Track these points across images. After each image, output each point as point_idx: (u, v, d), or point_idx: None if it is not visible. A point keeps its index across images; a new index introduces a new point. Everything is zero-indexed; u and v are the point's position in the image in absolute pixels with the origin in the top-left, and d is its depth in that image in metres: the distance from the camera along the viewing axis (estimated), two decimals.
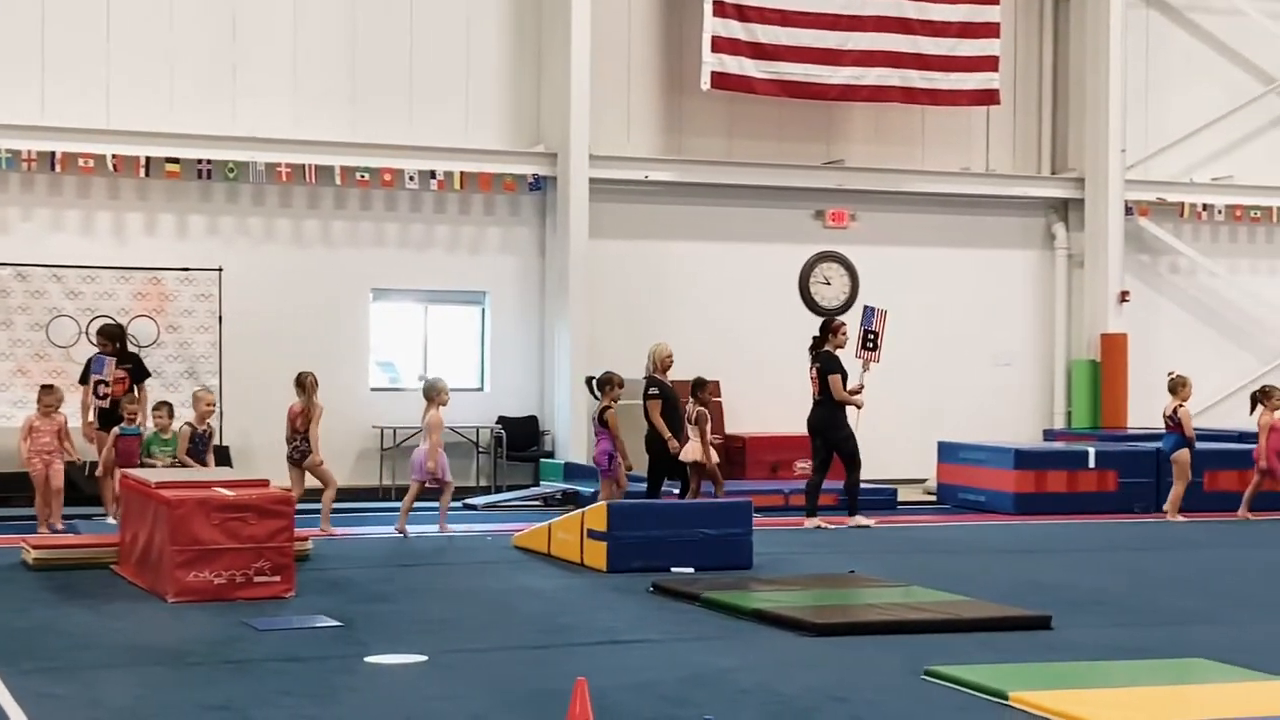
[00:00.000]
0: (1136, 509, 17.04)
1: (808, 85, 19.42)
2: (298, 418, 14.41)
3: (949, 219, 20.88)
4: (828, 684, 7.87)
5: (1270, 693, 7.59)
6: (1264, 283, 21.98)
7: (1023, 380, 21.10)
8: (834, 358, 15.50)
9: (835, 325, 15.71)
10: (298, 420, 14.41)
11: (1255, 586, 11.80)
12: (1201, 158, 21.85)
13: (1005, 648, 8.80)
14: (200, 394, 14.78)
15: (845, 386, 15.37)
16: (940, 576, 11.59)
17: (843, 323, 15.81)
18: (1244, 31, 21.88)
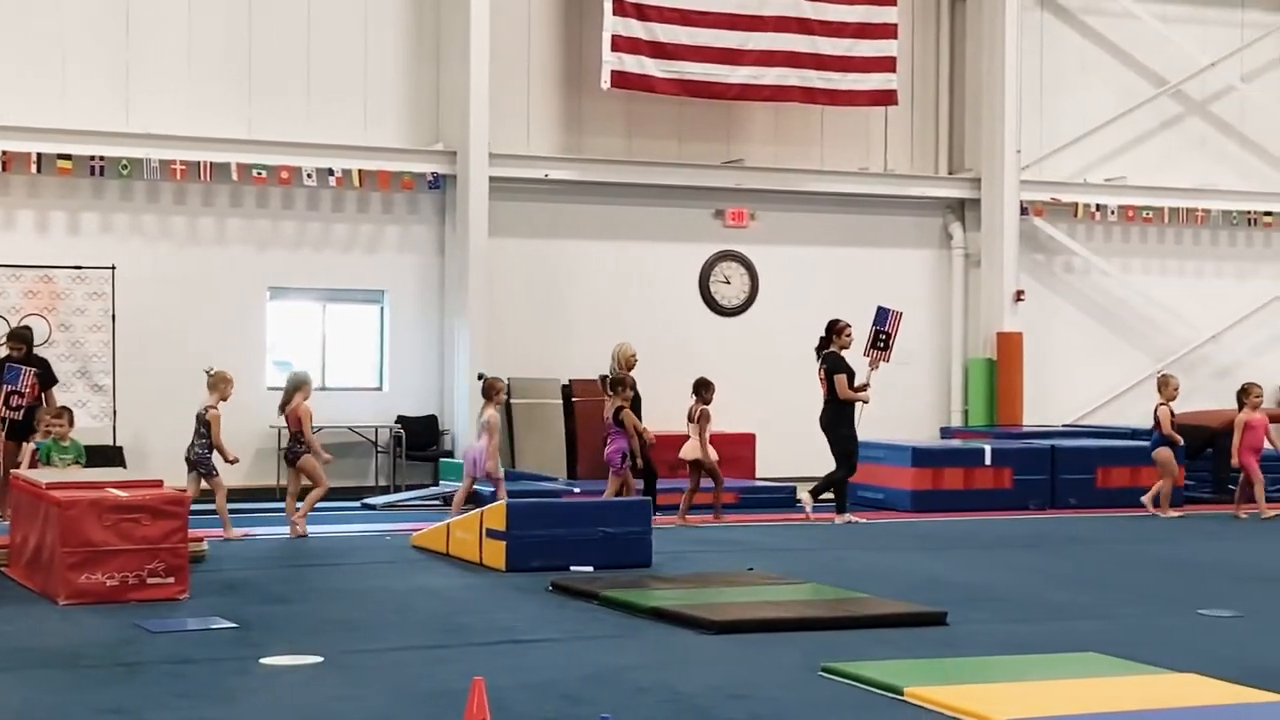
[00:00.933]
0: (1031, 506, 17.24)
1: (707, 85, 19.47)
2: (291, 419, 14.37)
3: (847, 218, 21.01)
4: (726, 681, 7.90)
5: (1159, 685, 7.71)
6: (1155, 282, 22.32)
7: (920, 379, 21.27)
8: (838, 357, 15.83)
9: (840, 326, 16.01)
10: (291, 421, 14.39)
11: (1146, 581, 11.98)
12: (1095, 159, 22.14)
13: (902, 644, 8.87)
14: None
15: (851, 385, 15.66)
16: (838, 574, 11.68)
17: (847, 324, 16.08)
18: (1136, 34, 22.21)
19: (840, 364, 15.77)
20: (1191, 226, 22.45)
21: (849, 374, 15.74)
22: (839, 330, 15.96)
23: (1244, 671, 8.02)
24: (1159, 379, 17.43)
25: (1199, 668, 8.09)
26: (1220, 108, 22.78)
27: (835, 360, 15.79)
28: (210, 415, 13.92)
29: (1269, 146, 22.92)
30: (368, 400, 18.77)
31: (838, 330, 15.96)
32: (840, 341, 15.88)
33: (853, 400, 15.69)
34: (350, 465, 18.38)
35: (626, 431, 15.16)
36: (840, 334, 15.92)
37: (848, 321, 16.21)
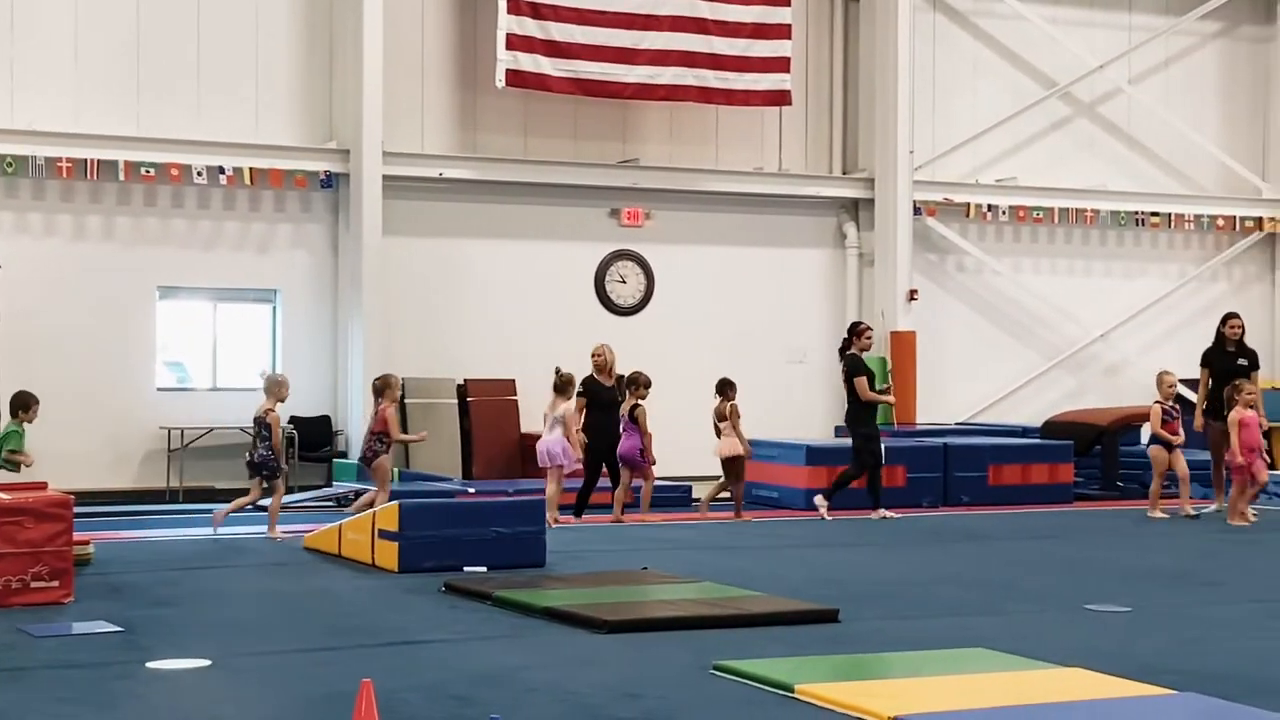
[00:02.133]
0: (925, 503, 17.38)
1: (603, 84, 19.48)
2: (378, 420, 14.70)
3: (743, 218, 21.10)
4: (618, 680, 7.88)
5: (1046, 680, 7.78)
6: (1045, 281, 22.60)
7: (815, 377, 21.40)
8: (858, 359, 16.05)
9: (860, 329, 16.27)
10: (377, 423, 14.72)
11: (1037, 577, 12.10)
12: (986, 159, 22.40)
13: (794, 641, 8.89)
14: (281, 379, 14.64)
15: (872, 386, 15.93)
16: (732, 572, 11.69)
17: (868, 326, 16.39)
18: (1026, 37, 22.48)
19: (860, 366, 16.02)
20: (1081, 226, 22.76)
21: (869, 375, 16.00)
22: (859, 332, 16.21)
23: (1129, 665, 8.12)
24: (1157, 376, 16.51)
25: (1085, 662, 8.18)
26: (1108, 110, 23.12)
27: (855, 363, 16.04)
28: (270, 418, 14.00)
29: (1155, 148, 23.29)
30: (260, 400, 18.53)
31: (858, 332, 16.22)
32: (860, 344, 16.11)
33: (873, 401, 16.00)
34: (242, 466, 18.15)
35: (640, 428, 15.49)
36: (860, 336, 16.17)
37: (868, 324, 16.61)
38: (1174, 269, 23.40)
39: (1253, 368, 16.61)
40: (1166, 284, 23.21)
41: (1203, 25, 23.52)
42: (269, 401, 14.17)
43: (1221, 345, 16.69)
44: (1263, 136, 23.97)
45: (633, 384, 15.80)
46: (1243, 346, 16.68)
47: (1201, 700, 7.33)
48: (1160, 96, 23.28)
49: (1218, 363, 16.48)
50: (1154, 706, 7.21)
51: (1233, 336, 16.59)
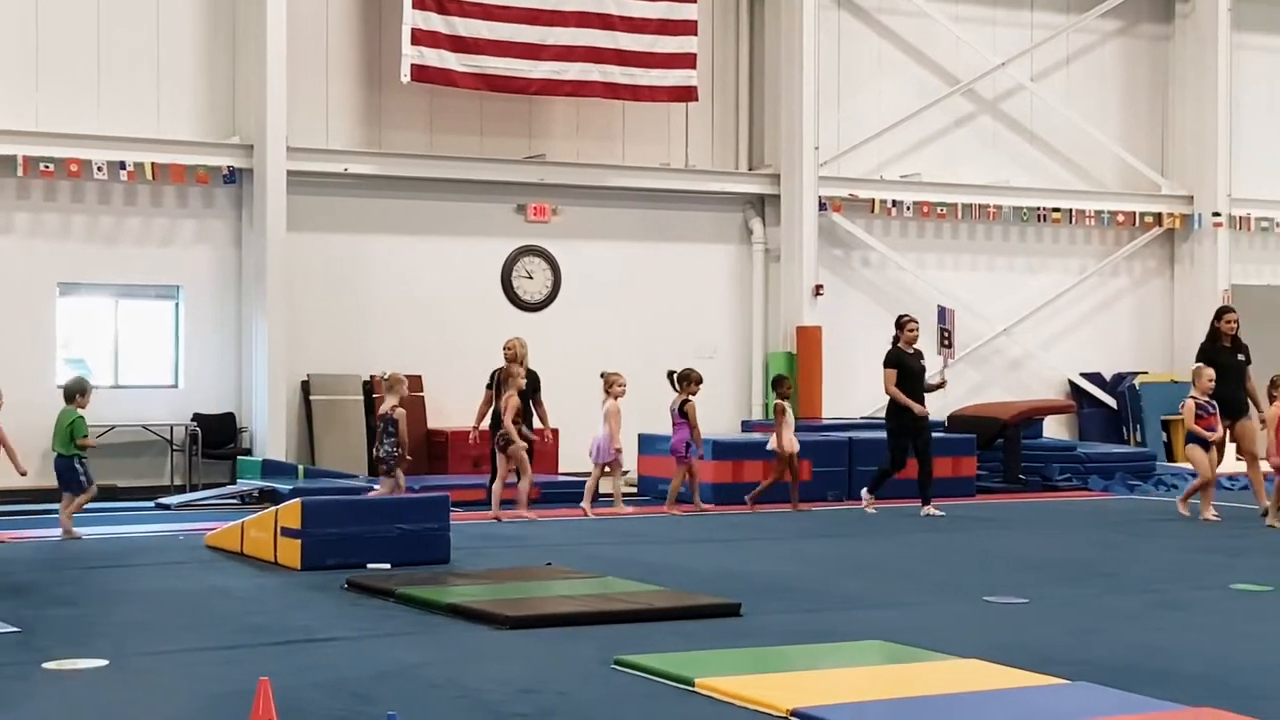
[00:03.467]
0: (830, 497, 17.48)
1: (509, 79, 19.44)
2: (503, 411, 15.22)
3: (650, 213, 21.14)
4: (518, 676, 7.89)
5: (943, 671, 7.87)
6: (949, 277, 22.79)
7: (722, 372, 21.47)
8: (891, 353, 16.00)
9: (902, 322, 16.24)
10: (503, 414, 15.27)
11: (938, 570, 12.23)
12: (891, 156, 22.56)
13: (696, 635, 8.93)
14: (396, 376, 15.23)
15: (896, 382, 15.80)
16: (636, 567, 11.72)
17: (910, 319, 16.27)
18: (930, 34, 22.68)
19: (889, 359, 15.97)
20: (984, 222, 22.99)
21: (899, 369, 15.86)
22: (900, 325, 16.21)
23: (1026, 656, 8.23)
24: (1194, 370, 15.60)
25: (983, 653, 8.28)
26: (1011, 106, 23.36)
27: (887, 355, 16.04)
28: (397, 414, 14.74)
29: (1057, 145, 23.57)
30: (163, 398, 18.40)
31: (899, 325, 16.22)
32: (904, 337, 16.05)
33: (895, 398, 15.83)
34: (144, 464, 18.03)
35: (690, 423, 16.02)
36: (903, 329, 16.14)
37: (912, 317, 16.47)
38: (1075, 264, 23.69)
39: (1248, 362, 16.00)
40: (1068, 279, 23.49)
41: (1103, 23, 23.83)
42: (393, 398, 14.91)
43: (1218, 341, 15.93)
44: (1162, 133, 24.32)
45: (685, 380, 16.39)
46: (1238, 342, 16.00)
47: (1094, 690, 7.44)
48: (1061, 94, 23.56)
49: (1215, 359, 15.60)
50: (1048, 696, 7.32)
51: (1229, 332, 15.93)
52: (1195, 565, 12.40)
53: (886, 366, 15.95)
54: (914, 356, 16.07)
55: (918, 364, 16.06)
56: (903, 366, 15.94)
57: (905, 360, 15.98)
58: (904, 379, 15.89)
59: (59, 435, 13.83)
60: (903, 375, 15.90)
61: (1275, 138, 24.73)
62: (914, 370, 15.99)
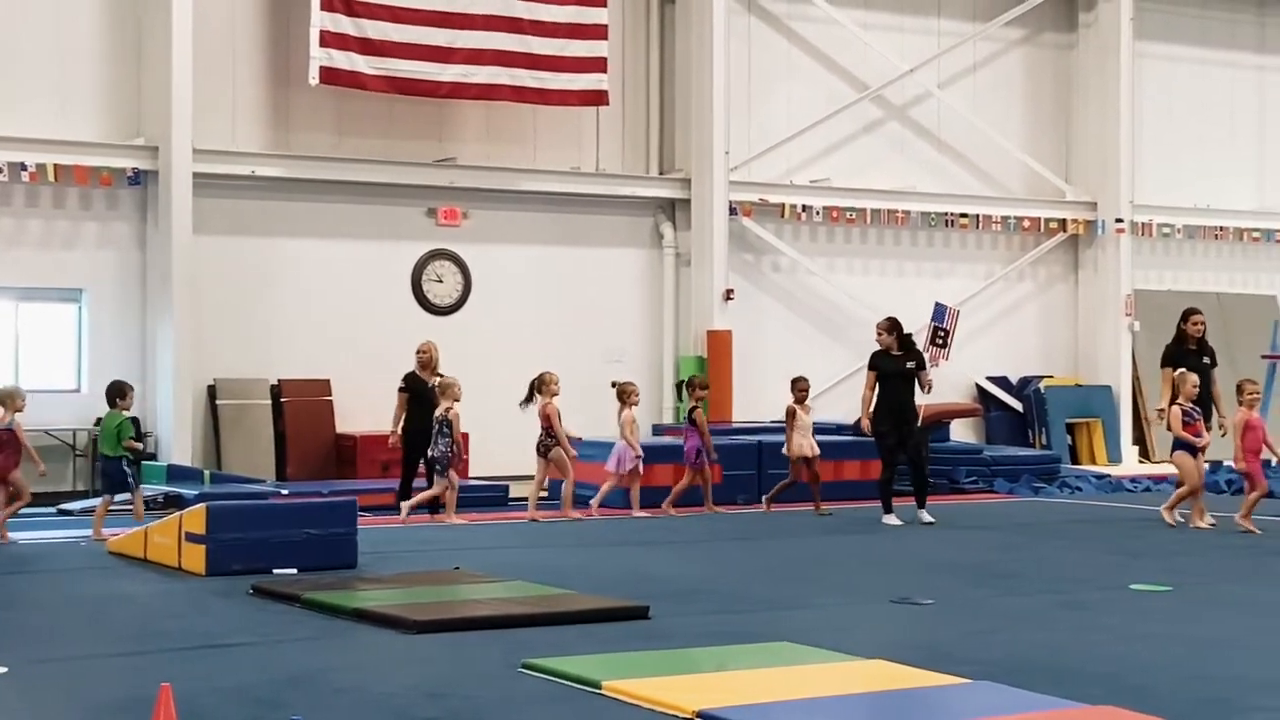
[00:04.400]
0: (740, 500, 17.54)
1: (418, 82, 19.36)
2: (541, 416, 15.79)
3: (561, 217, 21.12)
4: (425, 681, 7.86)
5: (848, 672, 7.93)
6: (858, 281, 22.96)
7: (632, 376, 21.31)
8: (873, 355, 15.62)
9: (879, 325, 15.79)
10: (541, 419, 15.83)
11: (846, 572, 12.32)
12: (801, 161, 22.69)
13: (604, 638, 8.94)
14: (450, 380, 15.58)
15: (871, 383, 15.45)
16: (546, 571, 11.71)
17: (885, 324, 15.71)
18: (839, 40, 22.83)
19: (870, 360, 15.62)
20: (892, 227, 23.17)
21: (875, 370, 15.45)
22: (880, 328, 15.73)
23: (929, 656, 8.31)
24: (1178, 375, 15.22)
25: (888, 654, 8.35)
26: (918, 113, 23.57)
27: (870, 357, 15.67)
28: (451, 415, 15.23)
29: (964, 151, 23.81)
30: (65, 402, 18.15)
31: (880, 328, 15.74)
32: (883, 341, 15.58)
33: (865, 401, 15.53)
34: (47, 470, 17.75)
35: (699, 430, 16.23)
36: (880, 332, 15.68)
37: (891, 319, 15.86)
38: (982, 269, 23.93)
39: (1213, 365, 15.83)
40: (975, 284, 23.72)
41: (1008, 31, 24.09)
42: (447, 401, 15.32)
43: (1184, 343, 15.74)
44: (1066, 140, 24.62)
45: (691, 388, 16.65)
46: (1204, 344, 15.87)
47: (996, 689, 7.53)
48: (968, 100, 23.80)
49: (1182, 361, 15.38)
50: (950, 696, 7.39)
51: (1195, 334, 15.71)
52: (1096, 566, 12.56)
53: (868, 369, 15.62)
54: (898, 359, 15.48)
55: (901, 368, 15.44)
56: (881, 370, 15.48)
57: (884, 364, 15.49)
58: (881, 384, 15.44)
59: (106, 437, 14.09)
60: (880, 380, 15.45)
61: (1176, 145, 25.14)
62: (893, 374, 15.42)
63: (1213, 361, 15.82)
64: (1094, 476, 20.44)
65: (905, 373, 15.42)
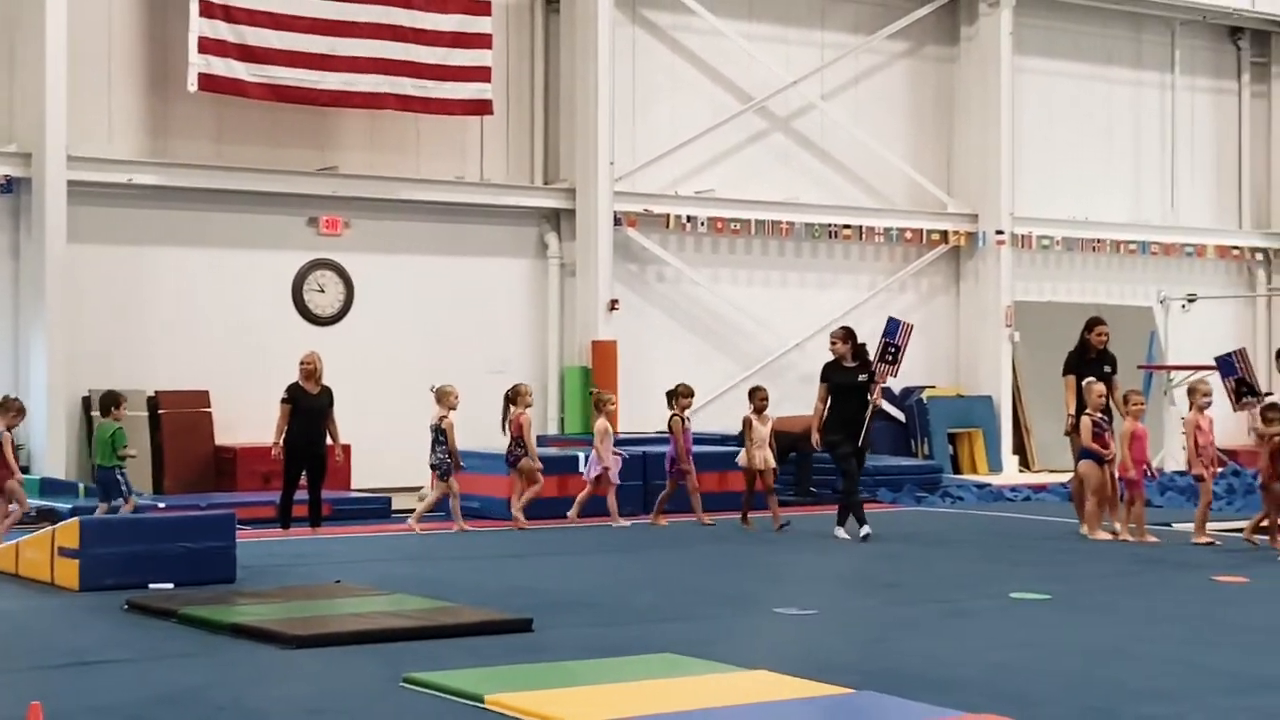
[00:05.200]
0: (625, 512, 17.47)
1: (299, 90, 19.15)
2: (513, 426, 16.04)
3: (444, 227, 20.98)
4: (303, 696, 7.74)
5: (730, 683, 7.91)
6: (742, 292, 23.02)
7: None
8: (825, 366, 15.18)
9: (833, 334, 15.39)
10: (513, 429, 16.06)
11: (729, 583, 12.31)
12: (685, 171, 22.71)
13: (486, 652, 8.85)
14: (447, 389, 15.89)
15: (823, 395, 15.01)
16: (429, 584, 11.61)
17: (839, 333, 15.27)
18: (723, 52, 22.89)
19: (822, 372, 15.17)
20: (776, 238, 23.26)
21: (826, 381, 15.03)
22: (833, 338, 15.34)
23: (812, 666, 8.31)
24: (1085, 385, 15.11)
25: (771, 664, 8.34)
26: (802, 124, 23.69)
27: (822, 369, 15.24)
28: (445, 424, 15.60)
29: (847, 162, 23.96)
30: None
31: (833, 338, 15.34)
32: (836, 350, 15.15)
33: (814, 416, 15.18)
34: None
35: (674, 437, 16.35)
36: (833, 341, 15.29)
37: (840, 330, 15.45)
38: (865, 280, 24.09)
39: (1114, 374, 15.80)
40: (858, 294, 23.87)
41: (891, 44, 24.30)
42: (441, 409, 15.66)
43: (1086, 352, 15.65)
44: (948, 153, 24.86)
45: (672, 396, 16.64)
46: (1105, 354, 15.85)
47: (878, 699, 7.54)
48: (852, 112, 23.96)
49: (1085, 371, 15.34)
50: (832, 706, 7.40)
51: (1099, 344, 15.64)
52: (978, 575, 12.66)
53: (820, 381, 15.17)
54: (850, 371, 15.05)
55: (853, 380, 15.00)
56: (832, 382, 15.03)
57: (835, 376, 15.04)
58: (834, 396, 15.00)
59: (100, 447, 14.40)
60: (832, 392, 15.00)
61: (1055, 158, 25.49)
62: (845, 386, 14.97)
63: (1114, 371, 15.87)
64: (975, 486, 20.64)
65: (858, 385, 14.97)
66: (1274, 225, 27.52)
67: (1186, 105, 26.91)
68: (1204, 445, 14.39)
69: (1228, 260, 27.16)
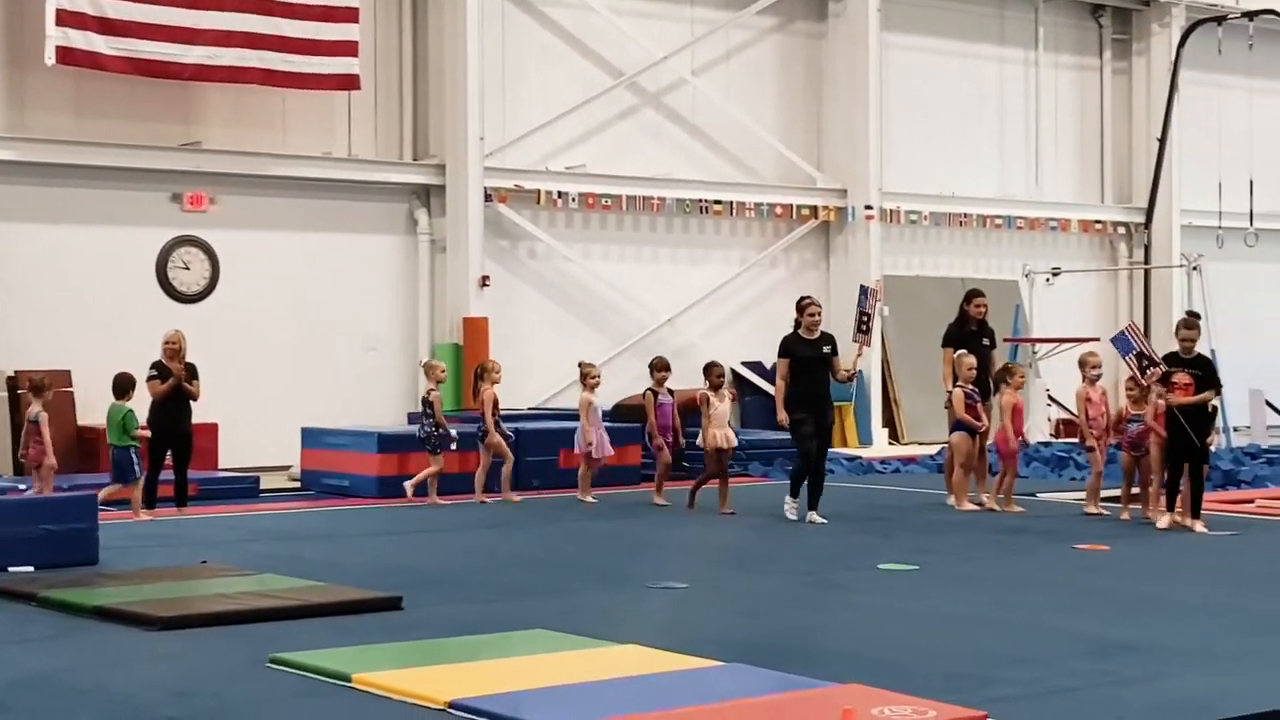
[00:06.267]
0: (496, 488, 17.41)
1: (161, 64, 18.80)
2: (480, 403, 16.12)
3: (313, 203, 20.74)
4: (169, 679, 7.63)
5: (602, 657, 7.92)
6: (614, 268, 23.02)
7: (388, 364, 21.25)
8: (785, 340, 14.32)
9: (802, 305, 14.39)
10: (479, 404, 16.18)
11: (602, 558, 12.34)
12: (556, 147, 22.65)
13: (355, 631, 8.79)
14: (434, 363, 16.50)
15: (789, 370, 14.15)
16: (298, 563, 11.49)
17: (809, 301, 14.42)
18: (594, 27, 22.84)
19: (781, 348, 14.29)
20: (648, 214, 23.27)
21: (791, 359, 14.14)
22: (801, 308, 14.37)
23: (682, 640, 8.33)
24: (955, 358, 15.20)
25: (643, 638, 8.36)
26: (673, 100, 23.71)
27: (781, 343, 14.35)
28: (432, 397, 15.99)
29: (718, 138, 24.03)
30: None
31: (799, 308, 14.39)
32: (804, 321, 14.23)
33: (776, 395, 14.36)
34: None
35: (645, 412, 16.09)
36: (802, 312, 14.30)
37: (811, 298, 14.59)
38: (736, 255, 24.20)
39: (993, 347, 16.00)
40: (729, 270, 23.98)
41: (760, 20, 24.38)
42: (429, 382, 16.14)
43: (965, 325, 15.70)
44: (817, 128, 25.02)
45: (651, 369, 16.50)
46: (984, 326, 15.86)
47: (747, 670, 7.58)
48: (722, 88, 24.02)
49: (963, 343, 15.37)
50: (701, 678, 7.42)
51: (977, 316, 15.75)
52: (847, 547, 12.77)
53: (779, 356, 14.36)
54: (814, 344, 14.27)
55: (818, 352, 14.27)
56: (794, 356, 14.18)
57: (798, 349, 14.23)
58: (797, 371, 14.17)
59: (113, 428, 14.84)
60: (796, 367, 14.16)
61: (923, 134, 25.76)
62: (809, 360, 14.21)
63: (992, 344, 16.02)
64: (845, 459, 20.81)
65: (822, 358, 14.29)
66: (1135, 200, 28.05)
67: (1050, 82, 27.32)
68: (1095, 417, 14.57)
69: (1091, 234, 27.64)
